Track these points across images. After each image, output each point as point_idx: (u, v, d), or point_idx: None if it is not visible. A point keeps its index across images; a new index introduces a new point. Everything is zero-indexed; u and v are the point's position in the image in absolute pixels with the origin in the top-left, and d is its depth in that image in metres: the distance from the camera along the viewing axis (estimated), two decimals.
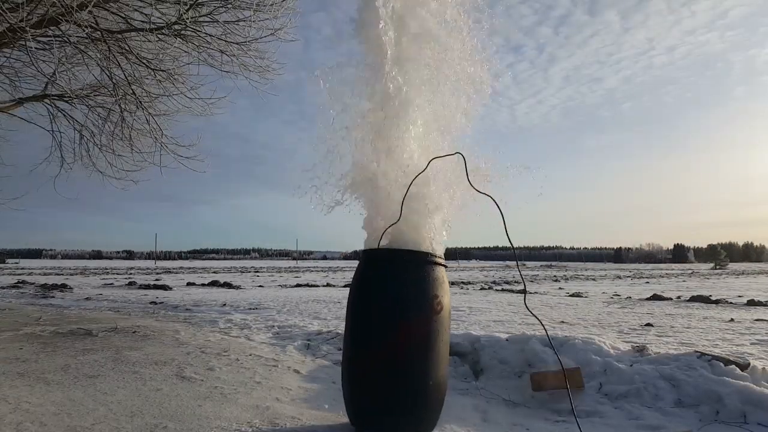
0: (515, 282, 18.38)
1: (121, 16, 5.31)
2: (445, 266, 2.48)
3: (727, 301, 10.21)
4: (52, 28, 4.80)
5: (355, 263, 3.28)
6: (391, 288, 2.30)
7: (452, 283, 16.13)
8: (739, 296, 11.67)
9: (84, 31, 4.65)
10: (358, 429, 2.42)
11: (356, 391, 2.39)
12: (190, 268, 39.36)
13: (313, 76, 2.51)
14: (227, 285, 15.68)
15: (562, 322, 6.68)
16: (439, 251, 2.49)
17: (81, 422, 2.55)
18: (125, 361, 4.01)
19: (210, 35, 5.60)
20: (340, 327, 5.76)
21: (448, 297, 2.41)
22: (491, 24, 2.67)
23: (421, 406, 2.30)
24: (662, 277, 25.12)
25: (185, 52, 5.88)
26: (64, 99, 6.61)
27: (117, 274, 25.81)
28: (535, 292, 13.29)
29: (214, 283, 16.49)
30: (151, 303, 9.39)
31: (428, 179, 2.49)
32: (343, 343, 2.58)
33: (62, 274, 24.43)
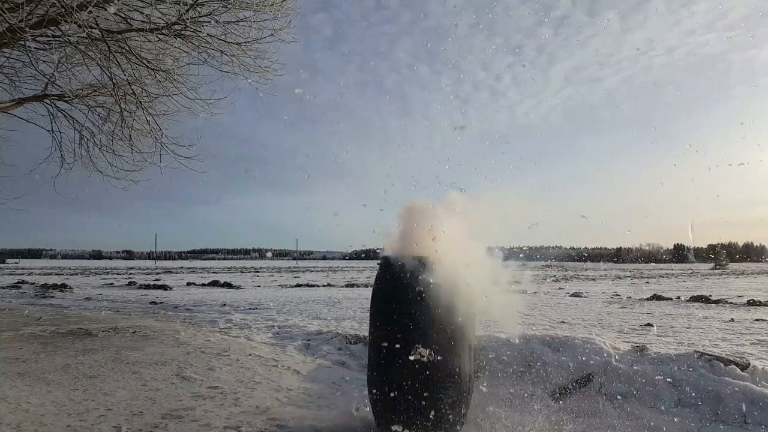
0: (514, 282, 18.37)
1: (121, 16, 5.31)
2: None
3: (727, 301, 10.21)
4: (51, 28, 4.80)
5: (355, 264, 3.27)
6: (433, 289, 2.35)
7: None
8: (739, 296, 11.66)
9: (84, 31, 4.65)
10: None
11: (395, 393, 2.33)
12: (190, 268, 39.36)
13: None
14: (227, 285, 15.68)
15: (562, 322, 6.67)
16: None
17: (81, 422, 2.55)
18: (125, 361, 4.01)
19: (210, 35, 5.60)
20: (340, 327, 5.76)
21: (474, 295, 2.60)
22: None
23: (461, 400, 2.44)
24: (662, 277, 25.08)
25: (185, 52, 5.87)
26: (64, 99, 6.60)
27: (117, 274, 25.81)
28: (535, 292, 13.28)
29: (214, 283, 16.49)
30: (151, 303, 9.40)
31: None
32: (376, 347, 2.45)
33: (62, 274, 24.42)
